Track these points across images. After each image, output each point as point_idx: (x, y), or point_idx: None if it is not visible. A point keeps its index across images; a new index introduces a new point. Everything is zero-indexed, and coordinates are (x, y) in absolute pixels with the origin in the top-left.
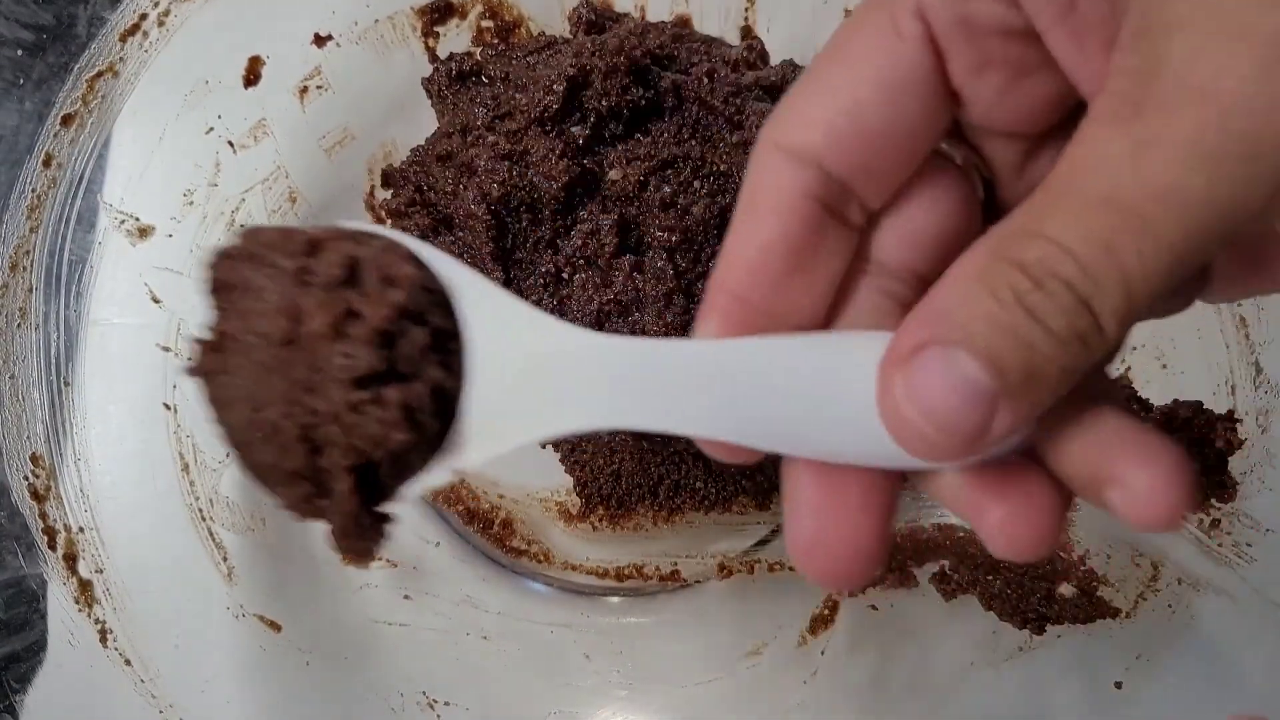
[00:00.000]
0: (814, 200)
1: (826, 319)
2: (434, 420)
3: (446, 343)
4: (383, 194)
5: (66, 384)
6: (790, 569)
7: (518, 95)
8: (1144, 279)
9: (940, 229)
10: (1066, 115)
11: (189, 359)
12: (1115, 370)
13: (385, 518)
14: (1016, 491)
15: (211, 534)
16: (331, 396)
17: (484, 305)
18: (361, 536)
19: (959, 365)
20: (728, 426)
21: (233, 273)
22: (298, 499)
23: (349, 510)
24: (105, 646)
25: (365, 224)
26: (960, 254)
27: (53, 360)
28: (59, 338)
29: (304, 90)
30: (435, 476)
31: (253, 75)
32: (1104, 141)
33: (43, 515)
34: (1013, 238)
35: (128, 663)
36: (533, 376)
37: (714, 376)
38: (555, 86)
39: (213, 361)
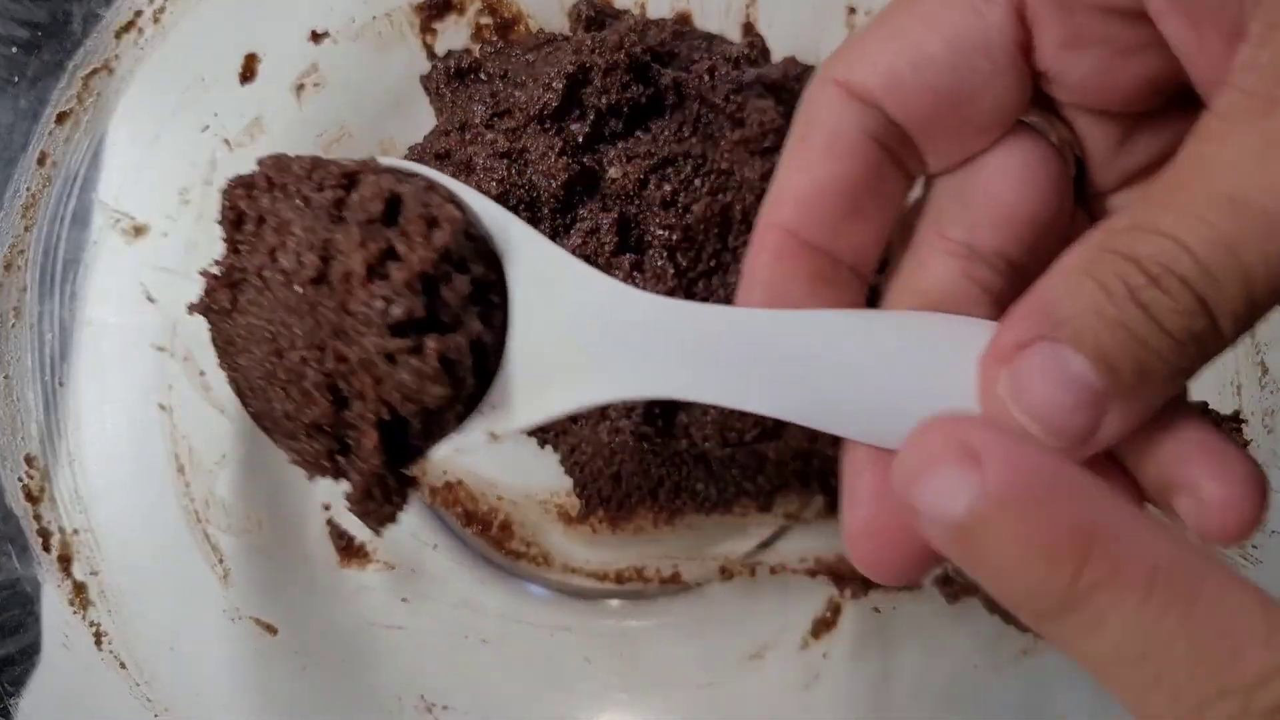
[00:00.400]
0: (874, 142)
1: (878, 267)
2: (471, 377)
3: (486, 294)
4: None
5: (61, 384)
6: (793, 571)
7: (516, 93)
8: (1267, 282)
9: (1032, 211)
10: (1169, 98)
11: (200, 296)
12: None
13: (410, 480)
14: None
15: (207, 536)
16: (364, 343)
17: (533, 257)
18: (385, 499)
19: (1067, 363)
20: (788, 404)
21: (254, 204)
22: (315, 454)
23: (373, 469)
24: (100, 649)
25: (403, 160)
26: (1051, 237)
27: (47, 360)
28: (53, 338)
29: (301, 88)
30: (468, 438)
31: (249, 72)
32: (1230, 138)
33: (37, 517)
34: (1126, 231)
35: (123, 666)
36: (582, 337)
37: (780, 349)
38: (554, 84)
39: (226, 298)
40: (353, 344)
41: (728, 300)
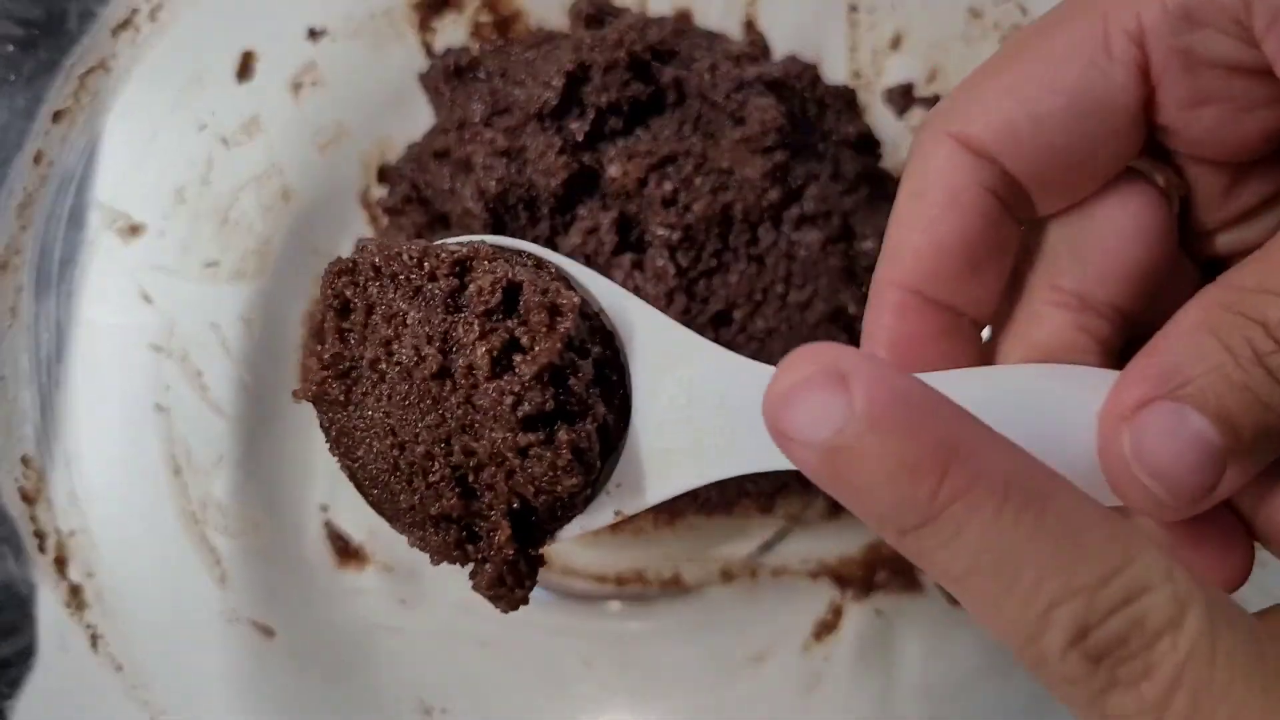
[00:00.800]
0: (991, 195)
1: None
2: (598, 461)
3: (604, 371)
4: (378, 191)
5: (57, 385)
6: (794, 573)
7: (515, 91)
8: None
9: (1143, 262)
10: None
11: (307, 381)
12: None
13: (539, 560)
14: (1212, 542)
15: (204, 537)
16: (493, 437)
17: (649, 333)
18: (517, 584)
19: (1190, 423)
20: None
21: (361, 293)
22: (443, 545)
23: (507, 558)
24: (96, 651)
25: (507, 239)
26: (1158, 282)
27: (43, 361)
28: (49, 338)
29: (298, 86)
30: (596, 519)
31: (246, 71)
32: None
33: (33, 518)
34: (1252, 293)
35: (119, 668)
36: (706, 412)
37: None
38: (554, 82)
39: (339, 390)
40: (481, 438)
41: (729, 299)
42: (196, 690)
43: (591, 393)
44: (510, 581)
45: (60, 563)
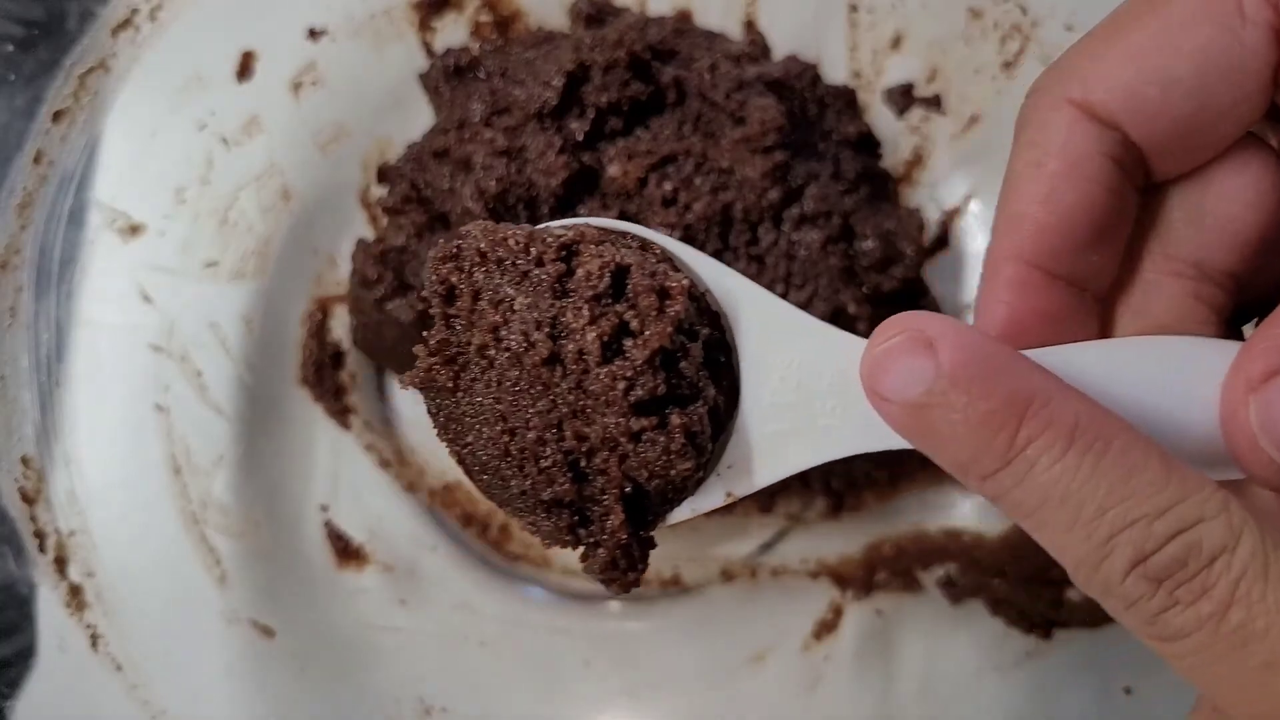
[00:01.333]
0: (1115, 164)
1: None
2: (710, 443)
3: (712, 353)
4: (378, 191)
5: (57, 385)
6: (794, 573)
7: (515, 90)
8: None
9: (1262, 228)
10: None
11: (416, 369)
12: None
13: (650, 543)
14: None
15: (204, 538)
16: (606, 422)
17: (757, 312)
18: (630, 566)
19: None
20: None
21: (467, 279)
22: (555, 529)
23: (620, 542)
24: (96, 651)
25: (611, 220)
26: (1273, 251)
27: (43, 361)
28: (49, 338)
29: (298, 85)
30: (707, 502)
31: (246, 70)
32: None
33: (33, 518)
34: None
35: (119, 668)
36: (817, 391)
37: None
38: (554, 81)
39: (447, 376)
40: (593, 424)
41: None
42: (196, 690)
43: (701, 375)
44: (623, 565)
45: (60, 563)
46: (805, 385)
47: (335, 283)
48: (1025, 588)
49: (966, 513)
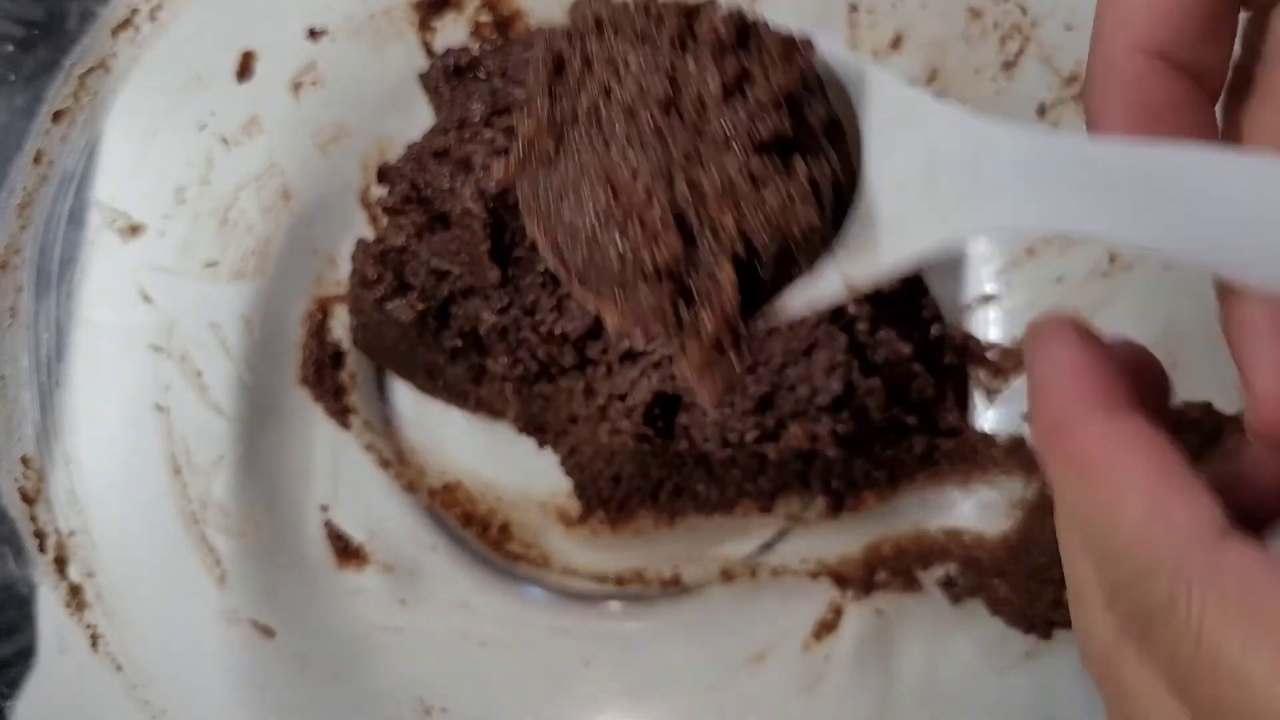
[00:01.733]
0: None
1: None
2: (829, 211)
3: (835, 121)
4: (378, 191)
5: (57, 385)
6: (794, 573)
7: (515, 91)
8: None
9: None
10: None
11: (513, 153)
12: None
13: (754, 333)
14: None
15: (204, 537)
16: (724, 163)
17: (887, 94)
18: (736, 349)
19: None
20: (1182, 240)
21: (579, 48)
22: (655, 304)
23: (729, 311)
24: (96, 651)
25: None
26: None
27: (43, 361)
28: (49, 338)
29: (298, 85)
30: (823, 286)
31: (246, 70)
32: None
33: (33, 518)
34: None
35: (119, 668)
36: (949, 168)
37: (1169, 182)
38: None
39: (549, 144)
40: (709, 169)
41: None
42: (196, 690)
43: (824, 139)
44: (729, 344)
45: (60, 563)
46: (934, 167)
47: (335, 283)
48: (1025, 588)
49: (966, 513)
